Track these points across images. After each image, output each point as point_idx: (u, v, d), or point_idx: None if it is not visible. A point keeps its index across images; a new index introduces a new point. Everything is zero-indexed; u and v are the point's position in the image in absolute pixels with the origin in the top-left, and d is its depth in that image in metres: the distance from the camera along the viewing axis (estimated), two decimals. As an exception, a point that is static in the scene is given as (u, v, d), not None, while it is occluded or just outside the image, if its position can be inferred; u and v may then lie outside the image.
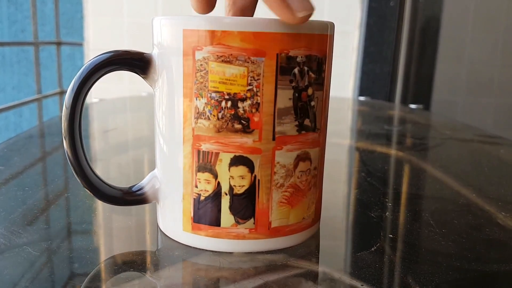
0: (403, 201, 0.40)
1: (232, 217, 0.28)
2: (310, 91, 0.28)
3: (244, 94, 0.27)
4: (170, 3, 1.35)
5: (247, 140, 0.27)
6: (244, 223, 0.29)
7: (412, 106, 0.95)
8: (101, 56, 0.29)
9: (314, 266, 0.28)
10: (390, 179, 0.48)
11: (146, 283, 0.26)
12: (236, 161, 0.28)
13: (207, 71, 0.27)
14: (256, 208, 0.28)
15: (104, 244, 0.30)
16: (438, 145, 0.63)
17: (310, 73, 0.28)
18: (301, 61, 0.27)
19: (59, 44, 1.54)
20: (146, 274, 0.27)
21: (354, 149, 0.60)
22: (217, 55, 0.26)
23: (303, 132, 0.29)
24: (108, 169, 0.48)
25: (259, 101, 0.27)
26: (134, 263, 0.28)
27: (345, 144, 0.62)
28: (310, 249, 0.30)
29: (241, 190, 0.28)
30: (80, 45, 1.51)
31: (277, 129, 0.28)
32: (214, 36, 0.26)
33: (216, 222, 0.29)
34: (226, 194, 0.28)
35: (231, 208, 0.28)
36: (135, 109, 0.85)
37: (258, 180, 0.28)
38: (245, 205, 0.28)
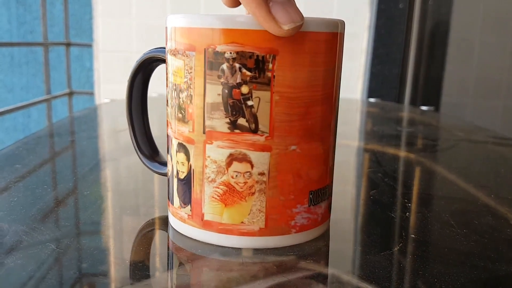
0: (422, 202, 0.40)
1: (178, 199, 0.30)
2: (244, 89, 0.27)
3: (182, 86, 0.29)
4: (179, 4, 1.35)
5: (185, 130, 0.29)
6: (185, 207, 0.30)
7: (423, 107, 0.94)
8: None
9: (324, 268, 0.28)
10: (407, 180, 0.47)
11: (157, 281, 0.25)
12: (179, 147, 0.30)
13: (169, 63, 0.30)
14: (192, 197, 0.29)
15: (118, 242, 0.30)
16: (452, 147, 0.62)
17: (244, 70, 0.27)
18: (230, 57, 0.27)
19: (68, 45, 1.55)
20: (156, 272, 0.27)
21: (369, 150, 0.60)
22: (171, 50, 0.29)
23: (236, 131, 0.27)
24: (119, 168, 0.48)
25: (192, 94, 0.28)
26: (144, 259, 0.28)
27: (360, 146, 0.62)
28: (320, 250, 0.30)
29: (182, 176, 0.30)
30: (89, 46, 1.51)
31: (207, 123, 0.28)
32: (171, 32, 0.29)
33: (172, 201, 0.31)
34: (175, 177, 0.30)
35: (177, 190, 0.30)
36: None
37: (193, 169, 0.29)
38: (184, 190, 0.30)
